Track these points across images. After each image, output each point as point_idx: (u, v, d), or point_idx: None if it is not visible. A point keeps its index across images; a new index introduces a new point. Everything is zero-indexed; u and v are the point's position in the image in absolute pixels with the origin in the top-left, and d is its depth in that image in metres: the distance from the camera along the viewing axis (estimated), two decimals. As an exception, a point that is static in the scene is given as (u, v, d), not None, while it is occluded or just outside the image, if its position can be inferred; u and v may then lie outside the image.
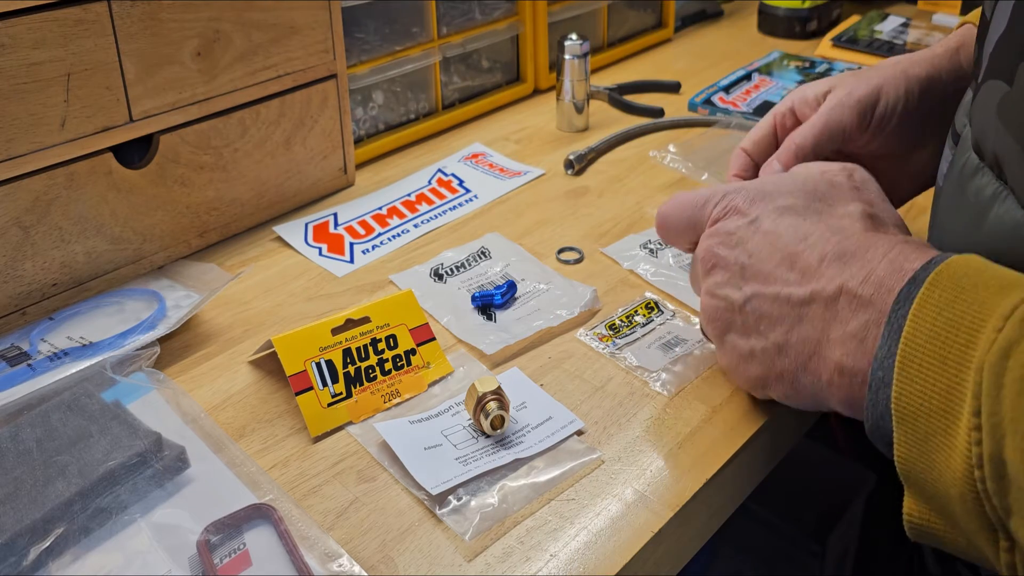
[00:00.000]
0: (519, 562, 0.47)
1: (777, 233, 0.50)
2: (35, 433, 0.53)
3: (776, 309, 0.49)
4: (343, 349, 0.59)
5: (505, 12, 1.03)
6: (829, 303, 0.46)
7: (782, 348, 0.49)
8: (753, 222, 0.51)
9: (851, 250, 0.46)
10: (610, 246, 0.75)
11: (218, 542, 0.48)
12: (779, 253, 0.49)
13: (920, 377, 0.39)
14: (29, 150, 0.62)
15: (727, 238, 0.52)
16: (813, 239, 0.48)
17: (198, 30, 0.69)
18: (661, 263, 0.72)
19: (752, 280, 0.50)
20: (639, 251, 0.74)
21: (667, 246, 0.73)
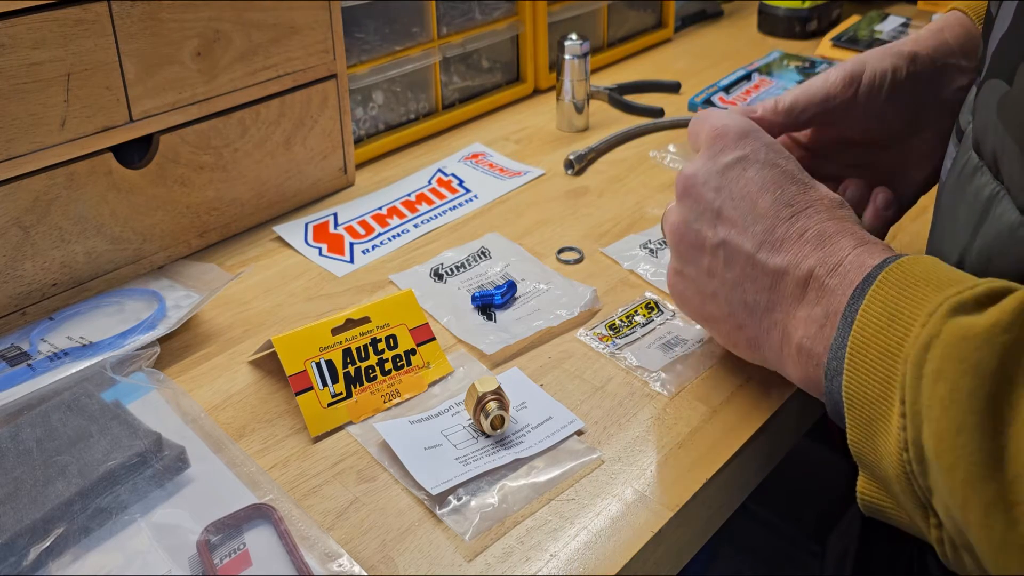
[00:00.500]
0: (519, 562, 0.47)
1: (762, 185, 0.51)
2: (35, 433, 0.53)
3: (749, 267, 0.50)
4: (343, 349, 0.59)
5: (505, 12, 1.03)
6: (799, 282, 0.48)
7: (749, 306, 0.51)
8: (740, 162, 0.53)
9: (828, 233, 0.48)
10: (610, 246, 0.75)
11: (218, 542, 0.48)
12: (760, 210, 0.51)
13: (865, 367, 0.41)
14: (29, 150, 0.62)
15: (708, 174, 0.53)
16: (797, 208, 0.50)
17: (198, 30, 0.69)
18: (661, 263, 0.72)
19: (727, 225, 0.52)
20: (639, 251, 0.74)
21: (666, 246, 0.73)
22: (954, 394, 0.36)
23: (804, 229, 0.49)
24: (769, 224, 0.50)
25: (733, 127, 0.54)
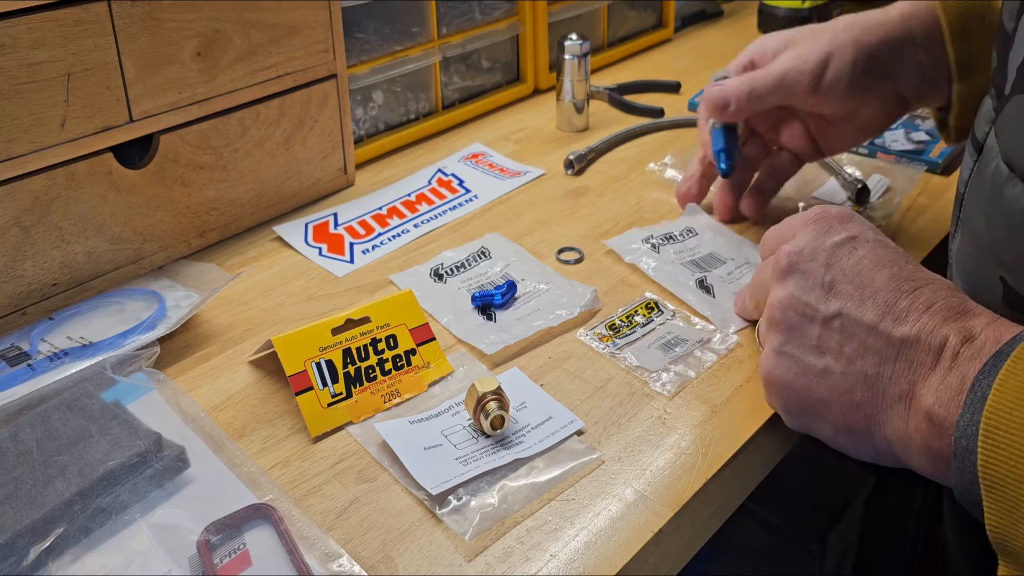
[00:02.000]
0: (519, 562, 0.47)
1: (876, 262, 0.49)
2: (35, 433, 0.53)
3: (871, 338, 0.47)
4: (343, 349, 0.59)
5: (505, 12, 1.03)
6: (932, 350, 0.45)
7: (870, 380, 0.47)
8: (850, 241, 0.51)
9: (957, 308, 0.46)
10: (613, 239, 0.75)
11: (218, 542, 0.48)
12: (878, 283, 0.48)
13: (1006, 443, 0.38)
14: (29, 150, 0.62)
15: (815, 250, 0.51)
16: (919, 283, 0.48)
17: (198, 30, 0.69)
18: (664, 258, 0.72)
19: (842, 298, 0.49)
20: (641, 245, 0.74)
21: (668, 242, 0.73)
22: None
23: (931, 303, 0.46)
24: (890, 297, 0.47)
25: (835, 210, 0.53)
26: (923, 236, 0.76)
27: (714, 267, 0.71)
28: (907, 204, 0.81)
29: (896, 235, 0.76)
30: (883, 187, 0.83)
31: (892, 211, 0.79)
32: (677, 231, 0.75)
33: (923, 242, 0.75)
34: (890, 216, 0.78)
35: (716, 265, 0.71)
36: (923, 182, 0.84)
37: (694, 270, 0.70)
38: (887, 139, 0.91)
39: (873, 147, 0.90)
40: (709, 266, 0.71)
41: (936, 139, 0.90)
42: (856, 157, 0.90)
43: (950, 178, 0.86)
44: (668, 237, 0.74)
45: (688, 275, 0.70)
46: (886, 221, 0.78)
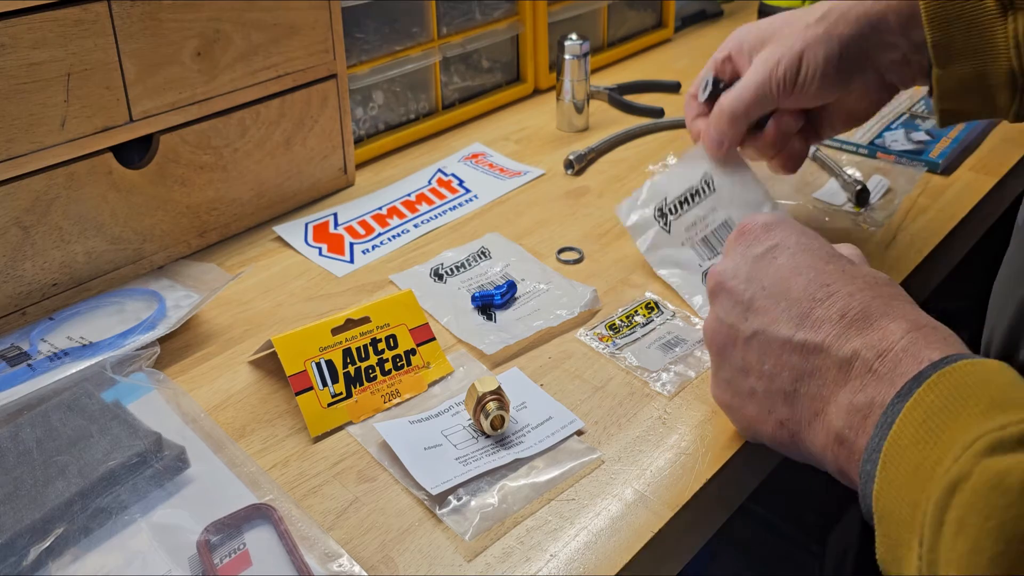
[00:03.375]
0: (519, 562, 0.47)
1: (794, 268, 0.48)
2: (35, 433, 0.53)
3: (785, 353, 0.46)
4: (343, 349, 0.59)
5: (505, 12, 1.03)
6: (842, 364, 0.44)
7: (789, 396, 0.46)
8: (770, 251, 0.50)
9: (874, 314, 0.44)
10: (624, 203, 0.73)
11: (218, 542, 0.48)
12: (794, 294, 0.47)
13: (896, 483, 0.37)
14: (29, 150, 0.62)
15: (737, 267, 0.51)
16: (835, 288, 0.46)
17: (198, 30, 0.69)
18: (673, 239, 0.69)
19: (759, 315, 0.48)
20: (653, 219, 0.70)
21: (682, 208, 0.69)
22: (973, 556, 0.32)
23: (845, 310, 0.45)
24: (805, 307, 0.46)
25: (761, 219, 0.52)
26: (923, 236, 0.76)
27: (723, 248, 0.66)
28: (907, 205, 0.81)
29: (896, 236, 0.76)
30: (883, 188, 0.83)
31: (892, 212, 0.79)
32: (696, 181, 0.68)
33: (923, 242, 0.75)
34: (890, 217, 0.78)
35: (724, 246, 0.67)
36: (923, 182, 0.84)
37: (702, 254, 0.68)
38: (887, 139, 0.91)
39: (873, 147, 0.90)
40: (720, 244, 0.67)
41: (936, 139, 0.90)
42: (856, 158, 0.90)
43: (950, 178, 0.86)
44: (682, 202, 0.69)
45: (695, 265, 0.68)
46: (887, 222, 0.78)
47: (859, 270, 0.47)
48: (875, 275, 0.47)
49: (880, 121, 0.95)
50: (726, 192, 0.67)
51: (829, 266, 0.47)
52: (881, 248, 0.74)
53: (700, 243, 0.68)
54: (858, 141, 0.91)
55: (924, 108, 0.97)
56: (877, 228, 0.77)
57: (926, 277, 0.75)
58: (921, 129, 0.93)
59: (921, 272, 0.73)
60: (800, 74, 0.63)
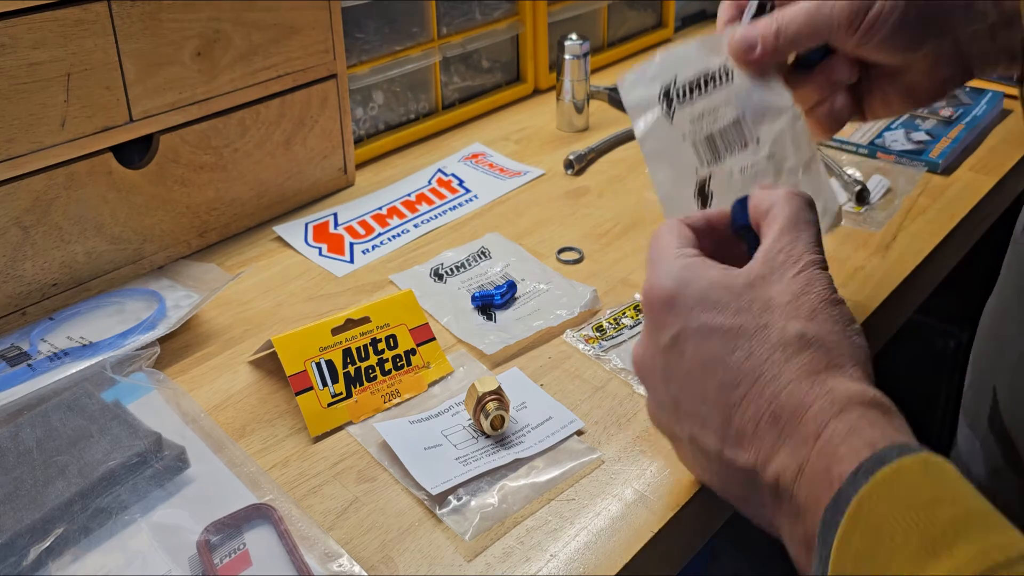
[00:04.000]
0: (519, 562, 0.47)
1: (704, 366, 0.43)
2: (35, 433, 0.53)
3: (723, 467, 0.43)
4: (343, 349, 0.59)
5: (505, 12, 1.03)
6: (771, 490, 0.41)
7: (740, 500, 0.44)
8: (676, 343, 0.44)
9: (785, 414, 0.40)
10: (629, 74, 0.59)
11: (218, 542, 0.48)
12: (711, 399, 0.43)
13: None
14: (29, 150, 0.62)
15: (652, 359, 0.46)
16: (745, 387, 0.41)
17: (198, 30, 0.69)
18: (674, 132, 0.57)
19: (688, 420, 0.44)
20: (656, 101, 0.58)
21: (692, 95, 0.57)
22: None
23: (757, 416, 0.41)
24: (724, 415, 0.42)
25: (657, 290, 0.45)
26: (923, 237, 0.76)
27: (732, 150, 0.56)
28: (907, 205, 0.81)
29: (896, 236, 0.76)
30: (883, 188, 0.83)
31: (892, 212, 0.79)
32: (714, 67, 0.57)
33: (923, 242, 0.75)
34: (890, 217, 0.78)
35: (735, 146, 0.56)
36: (923, 182, 0.84)
37: (703, 156, 0.57)
38: (887, 139, 0.91)
39: (873, 147, 0.90)
40: (727, 147, 0.57)
41: (936, 139, 0.90)
42: (856, 157, 0.90)
43: (950, 178, 0.86)
44: (693, 87, 0.57)
45: (691, 171, 0.57)
46: (887, 222, 0.78)
47: (766, 342, 0.41)
48: (785, 338, 0.41)
49: (880, 121, 0.95)
50: (745, 86, 0.56)
51: (734, 354, 0.42)
52: (881, 248, 0.74)
53: (703, 142, 0.57)
54: (858, 141, 0.91)
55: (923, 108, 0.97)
56: (877, 228, 0.77)
57: (926, 277, 0.75)
58: (921, 129, 0.93)
59: (921, 272, 0.73)
60: (871, 13, 0.52)
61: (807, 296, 0.42)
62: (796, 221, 0.45)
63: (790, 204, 0.45)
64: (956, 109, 0.96)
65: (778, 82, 0.56)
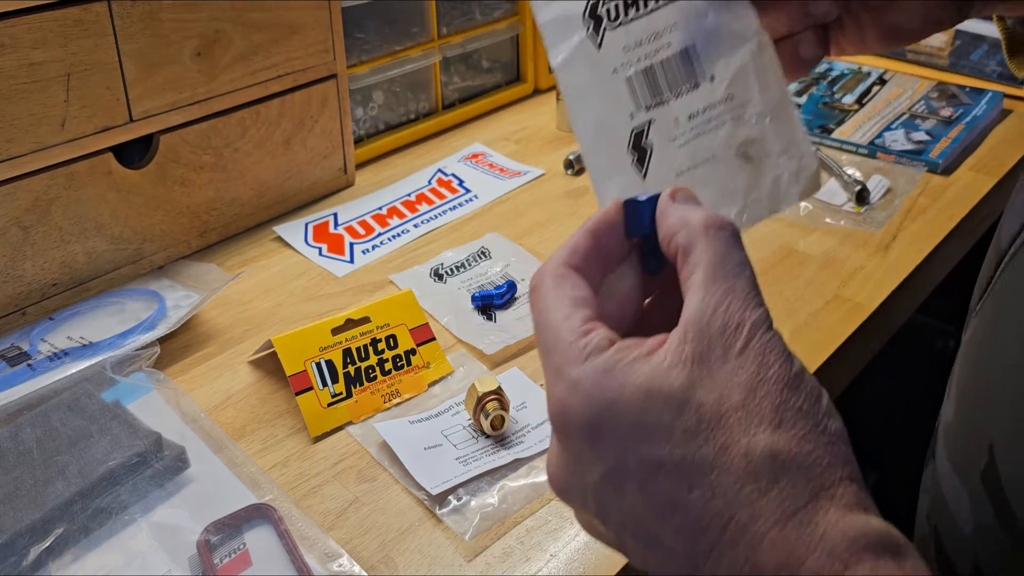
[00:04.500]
0: (519, 562, 0.47)
1: (656, 512, 0.32)
2: (35, 433, 0.53)
3: None
4: (343, 349, 0.59)
5: (505, 12, 1.03)
6: None
7: None
8: (609, 481, 0.33)
9: (761, 568, 0.30)
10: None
11: (218, 542, 0.48)
12: (670, 547, 0.32)
13: None
14: (29, 150, 0.62)
15: (579, 489, 0.34)
16: (711, 539, 0.31)
17: (198, 30, 0.69)
18: (603, 62, 0.42)
19: (640, 557, 0.34)
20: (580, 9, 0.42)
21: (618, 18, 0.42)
22: None
23: (735, 573, 0.31)
24: (689, 562, 0.32)
25: (573, 416, 0.32)
26: (923, 237, 0.76)
27: (678, 90, 0.42)
28: (907, 205, 0.81)
29: (896, 236, 0.76)
30: (883, 188, 0.83)
31: (892, 212, 0.79)
32: None
33: (923, 243, 0.75)
34: (890, 217, 0.78)
35: (683, 84, 0.41)
36: (923, 182, 0.84)
37: (640, 97, 0.41)
38: (887, 139, 0.91)
39: (873, 147, 0.90)
40: (671, 86, 0.41)
41: (936, 139, 0.90)
42: (856, 157, 0.90)
43: (950, 178, 0.86)
44: (630, 2, 0.42)
45: (624, 116, 0.41)
46: (887, 222, 0.78)
47: (729, 470, 0.31)
48: (749, 460, 0.30)
49: (880, 121, 0.95)
50: (697, 4, 0.42)
51: (692, 495, 0.31)
52: (881, 248, 0.74)
53: (640, 76, 0.42)
54: (858, 141, 0.91)
55: (924, 108, 0.97)
56: (877, 228, 0.77)
57: (926, 278, 0.75)
58: (921, 129, 0.93)
59: (921, 273, 0.73)
60: None
61: (764, 386, 0.31)
62: (724, 265, 0.33)
63: (713, 243, 0.34)
64: (956, 109, 0.96)
65: (740, 1, 0.42)
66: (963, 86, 1.01)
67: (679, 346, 0.32)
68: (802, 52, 0.46)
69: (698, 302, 0.33)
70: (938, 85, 1.02)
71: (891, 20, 0.45)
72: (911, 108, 0.98)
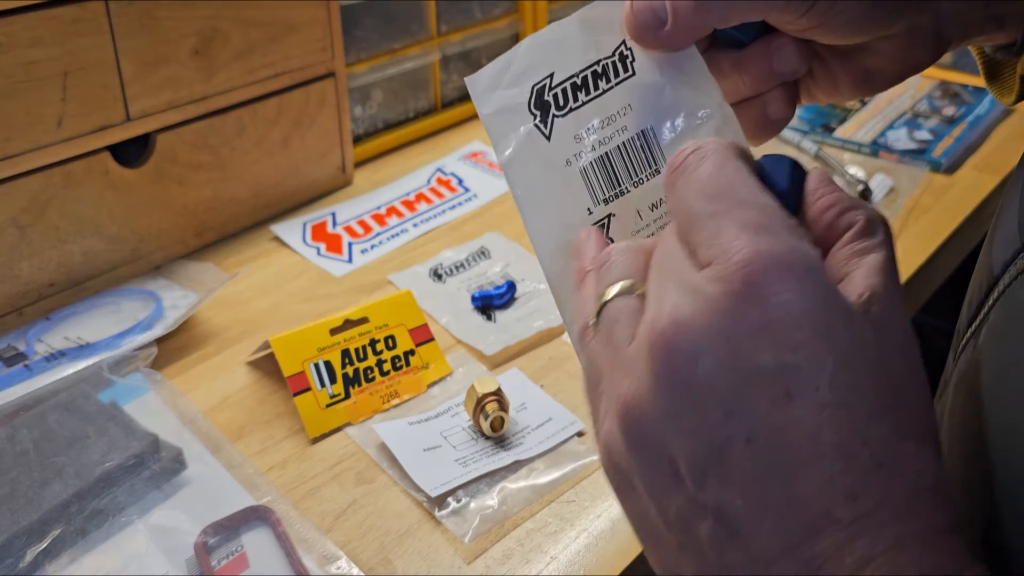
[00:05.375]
0: (519, 564, 0.47)
1: (820, 445, 0.25)
2: (32, 434, 0.52)
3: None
4: (341, 350, 0.59)
5: (505, 10, 1.03)
6: None
7: None
8: (782, 377, 0.25)
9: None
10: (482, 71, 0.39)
11: (216, 544, 0.48)
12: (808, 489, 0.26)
13: None
14: (26, 149, 0.62)
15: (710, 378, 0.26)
16: (867, 504, 0.25)
17: (196, 28, 0.69)
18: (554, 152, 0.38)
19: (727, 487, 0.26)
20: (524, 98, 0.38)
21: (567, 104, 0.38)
22: None
23: (867, 558, 0.25)
24: (809, 524, 0.25)
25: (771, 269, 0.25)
26: (926, 236, 0.76)
27: (638, 177, 0.37)
28: (910, 204, 0.80)
29: (899, 236, 0.76)
30: (886, 187, 0.82)
31: (895, 212, 0.79)
32: (606, 52, 0.38)
33: (926, 242, 0.75)
34: (893, 217, 0.78)
35: (643, 171, 0.37)
36: (926, 182, 0.84)
37: (596, 190, 0.37)
38: (890, 138, 0.91)
39: (876, 146, 0.90)
40: (631, 173, 0.37)
41: (939, 138, 0.90)
42: (859, 157, 0.89)
43: (953, 177, 0.85)
44: (579, 85, 0.38)
45: (580, 212, 0.37)
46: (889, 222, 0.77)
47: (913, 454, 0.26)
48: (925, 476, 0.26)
49: (883, 120, 0.95)
50: (652, 79, 0.37)
51: (865, 450, 0.25)
52: (883, 247, 0.74)
53: (596, 166, 0.37)
54: (861, 140, 0.91)
55: (927, 107, 0.97)
56: (879, 227, 0.77)
57: (928, 277, 0.75)
58: (924, 128, 0.93)
59: (923, 272, 0.73)
60: None
61: None
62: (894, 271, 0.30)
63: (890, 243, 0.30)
64: (959, 108, 0.96)
65: (698, 70, 0.37)
66: (966, 85, 1.01)
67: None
68: (771, 113, 0.40)
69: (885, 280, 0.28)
70: (941, 84, 1.02)
71: (865, 65, 0.41)
72: (914, 107, 0.98)
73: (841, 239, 0.29)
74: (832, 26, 0.37)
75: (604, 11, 0.38)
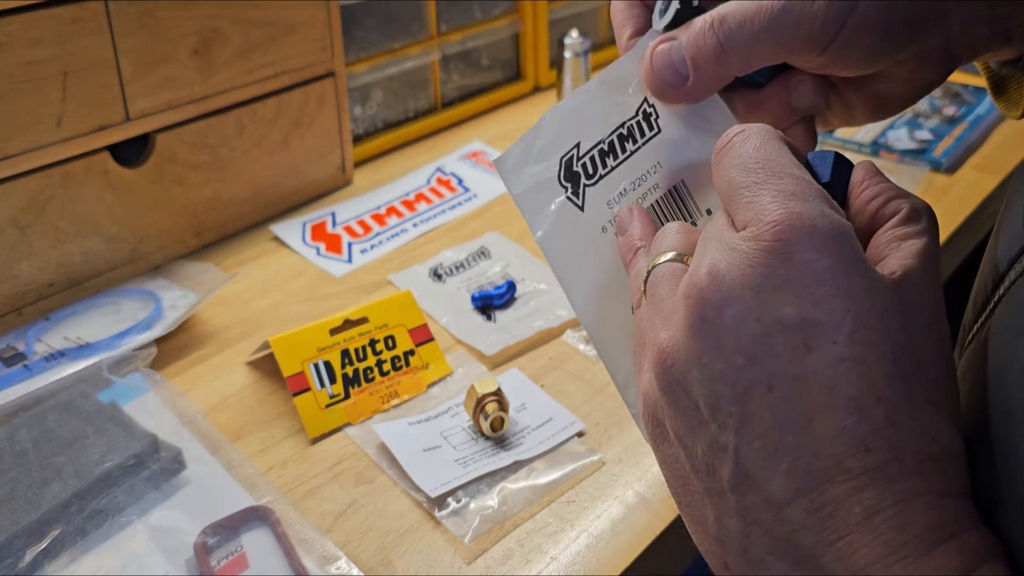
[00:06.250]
0: (519, 564, 0.47)
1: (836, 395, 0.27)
2: (31, 434, 0.52)
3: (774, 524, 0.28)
4: (341, 350, 0.59)
5: (505, 9, 1.03)
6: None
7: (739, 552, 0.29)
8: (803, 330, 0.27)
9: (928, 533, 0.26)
10: (509, 150, 0.42)
11: (215, 544, 0.48)
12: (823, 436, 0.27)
13: None
14: (25, 149, 0.62)
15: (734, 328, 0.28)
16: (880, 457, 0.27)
17: (195, 28, 0.69)
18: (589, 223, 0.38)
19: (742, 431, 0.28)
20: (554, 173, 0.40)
21: (596, 173, 0.39)
22: None
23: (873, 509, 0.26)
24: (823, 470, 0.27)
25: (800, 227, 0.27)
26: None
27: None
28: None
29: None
30: (885, 186, 0.82)
31: (894, 210, 0.79)
32: (629, 114, 0.38)
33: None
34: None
35: None
36: (927, 182, 0.84)
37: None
38: (890, 138, 0.91)
39: (876, 146, 0.89)
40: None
41: (940, 137, 0.90)
42: (859, 156, 0.89)
43: (953, 177, 0.85)
44: (606, 152, 0.39)
45: (622, 277, 0.37)
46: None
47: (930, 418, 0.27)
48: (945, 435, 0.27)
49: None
50: (678, 134, 0.37)
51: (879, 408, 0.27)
52: (883, 247, 0.74)
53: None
54: (861, 140, 0.91)
55: (927, 106, 0.97)
56: (879, 227, 0.77)
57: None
58: (924, 128, 0.93)
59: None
60: (853, 17, 0.36)
61: None
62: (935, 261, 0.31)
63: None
64: (960, 108, 0.96)
65: (723, 116, 0.37)
66: (966, 84, 1.01)
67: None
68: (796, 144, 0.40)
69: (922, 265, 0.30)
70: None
71: (879, 91, 0.42)
72: (914, 106, 0.97)
73: (884, 225, 0.31)
74: (848, 60, 0.38)
75: (622, 71, 0.39)
